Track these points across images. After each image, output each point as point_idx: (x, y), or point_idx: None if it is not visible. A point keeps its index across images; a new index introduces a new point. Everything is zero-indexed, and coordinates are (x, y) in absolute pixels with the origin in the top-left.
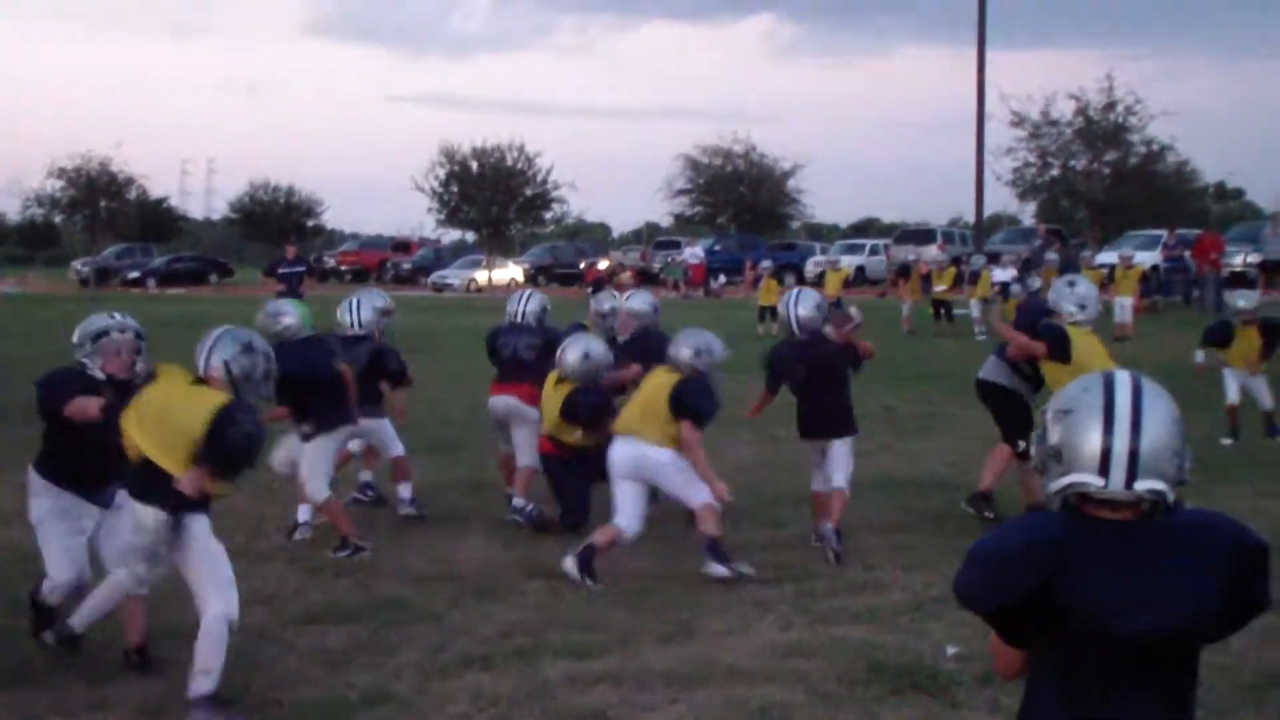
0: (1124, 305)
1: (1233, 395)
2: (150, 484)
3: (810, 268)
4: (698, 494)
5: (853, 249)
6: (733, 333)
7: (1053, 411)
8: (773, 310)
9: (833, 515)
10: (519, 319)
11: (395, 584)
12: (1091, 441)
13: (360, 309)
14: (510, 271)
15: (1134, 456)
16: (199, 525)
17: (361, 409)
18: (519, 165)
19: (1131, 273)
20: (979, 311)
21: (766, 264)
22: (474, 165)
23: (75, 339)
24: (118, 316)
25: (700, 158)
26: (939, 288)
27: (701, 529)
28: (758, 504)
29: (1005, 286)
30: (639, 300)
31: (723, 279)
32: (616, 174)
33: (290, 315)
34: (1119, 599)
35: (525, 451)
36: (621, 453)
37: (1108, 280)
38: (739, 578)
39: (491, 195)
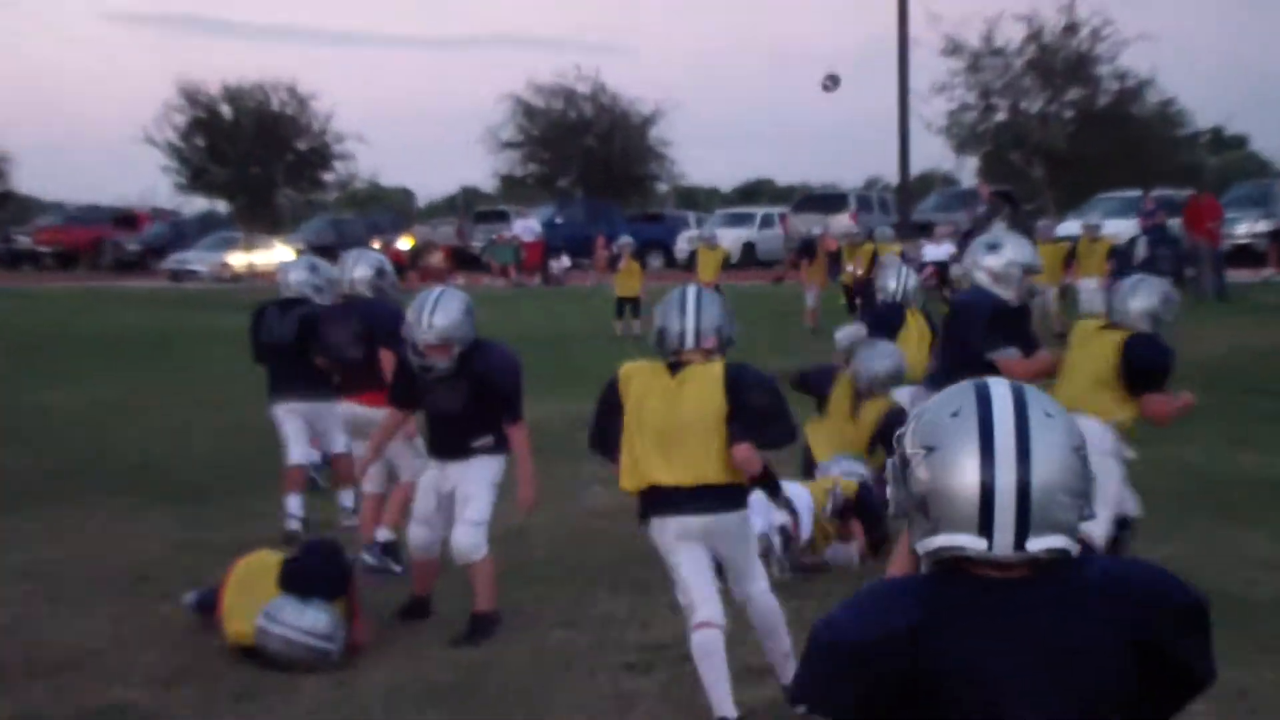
0: (1090, 289)
1: None
2: None
3: (682, 245)
4: None
5: (738, 220)
6: (581, 332)
7: (911, 445)
8: (634, 302)
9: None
10: (349, 289)
11: (121, 688)
12: (965, 488)
13: (293, 269)
14: (278, 254)
15: (1023, 500)
16: None
17: (299, 390)
18: (288, 110)
19: (1098, 246)
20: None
21: (625, 241)
22: (226, 110)
23: None
24: None
25: (533, 100)
26: (851, 269)
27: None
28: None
29: (942, 267)
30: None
31: (566, 261)
32: (421, 123)
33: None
34: (1009, 683)
35: (407, 468)
36: None
37: (1071, 256)
38: None
39: (251, 151)
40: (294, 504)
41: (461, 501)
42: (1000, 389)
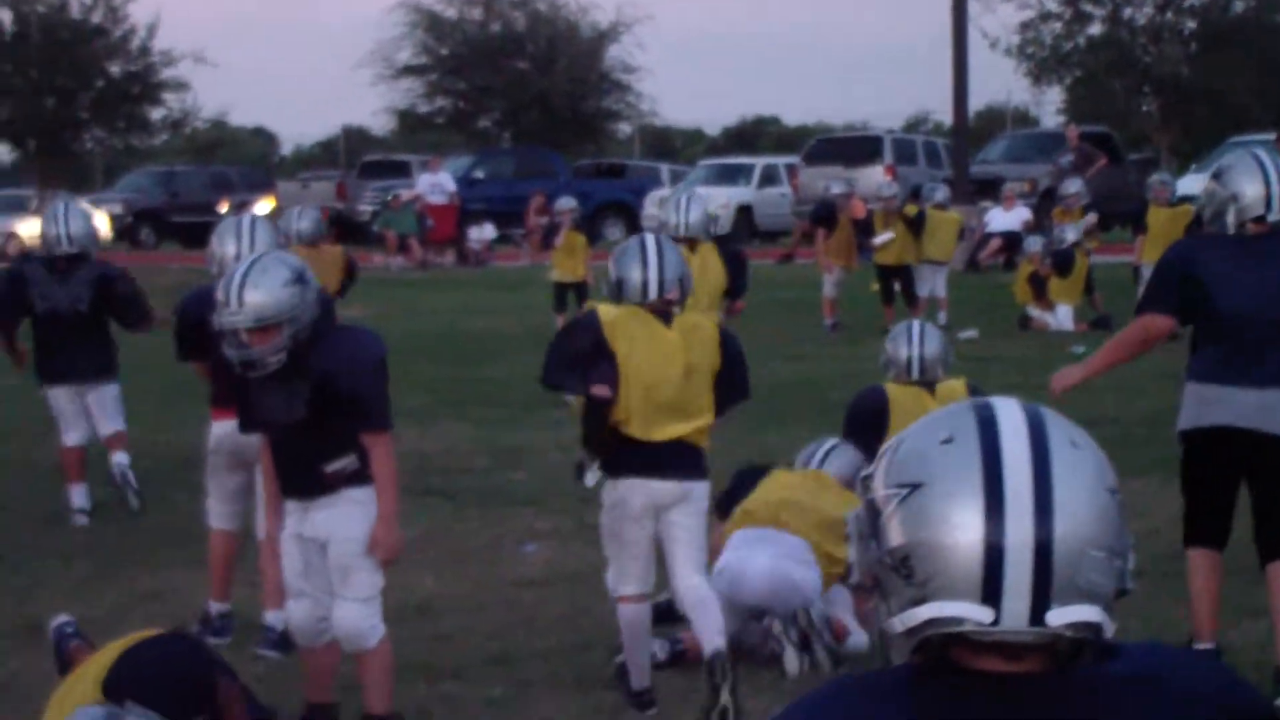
0: None
1: None
2: None
3: (651, 210)
4: None
5: (729, 174)
6: (509, 330)
7: (884, 486)
8: (579, 289)
9: None
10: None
11: None
12: (965, 539)
13: (70, 217)
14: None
15: (1043, 560)
16: None
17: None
18: (93, 19)
19: None
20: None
21: (565, 205)
22: (6, 21)
23: None
24: None
25: (441, 8)
26: (883, 239)
27: None
28: None
29: (1011, 240)
30: None
31: (489, 232)
32: (287, 40)
33: None
34: None
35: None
36: None
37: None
38: None
39: (42, 76)
40: (79, 495)
41: (338, 570)
42: (1009, 411)
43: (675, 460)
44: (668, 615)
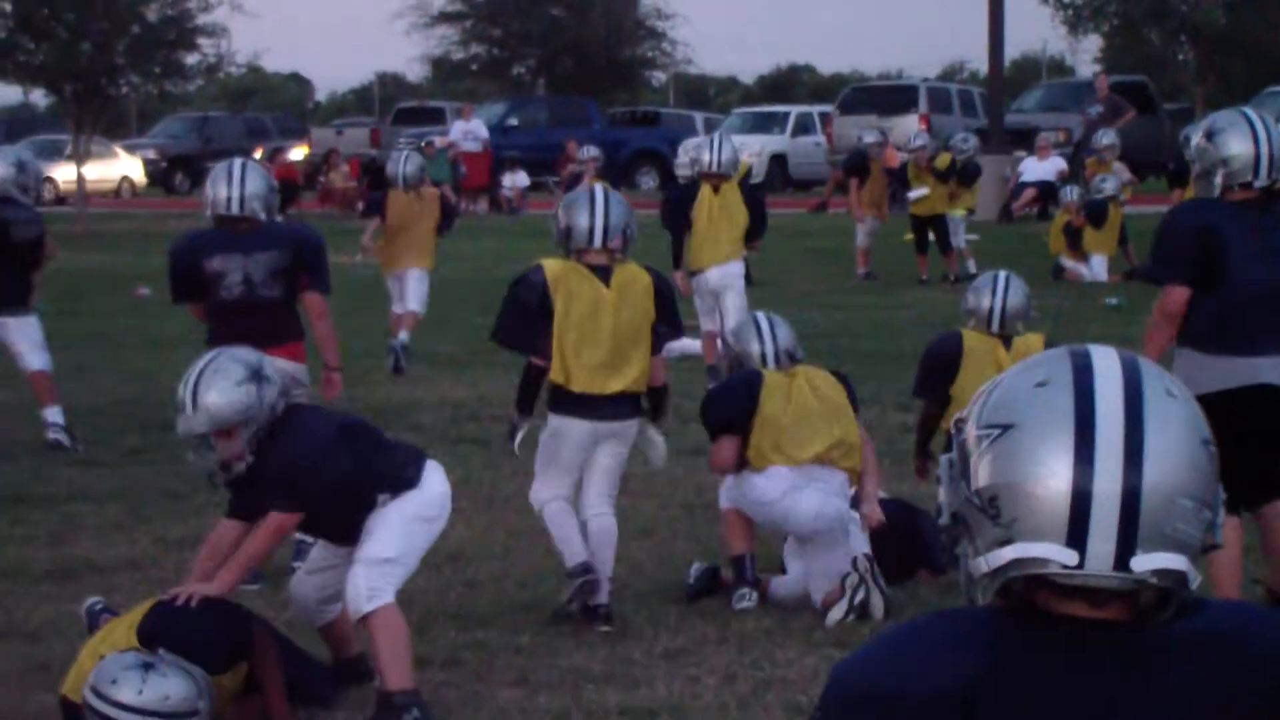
0: None
1: None
2: None
3: (683, 158)
4: None
5: (763, 123)
6: None
7: (976, 427)
8: None
9: None
10: (236, 208)
11: None
12: (1054, 481)
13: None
14: (122, 165)
15: (1131, 506)
16: None
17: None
18: None
19: None
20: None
21: (589, 154)
22: None
23: None
24: None
25: None
26: (918, 194)
27: None
28: None
29: (1046, 190)
30: None
31: (523, 179)
32: None
33: None
34: None
35: None
36: None
37: None
38: None
39: (79, 21)
40: (53, 413)
41: (363, 540)
42: (1105, 357)
43: (612, 408)
44: (711, 584)
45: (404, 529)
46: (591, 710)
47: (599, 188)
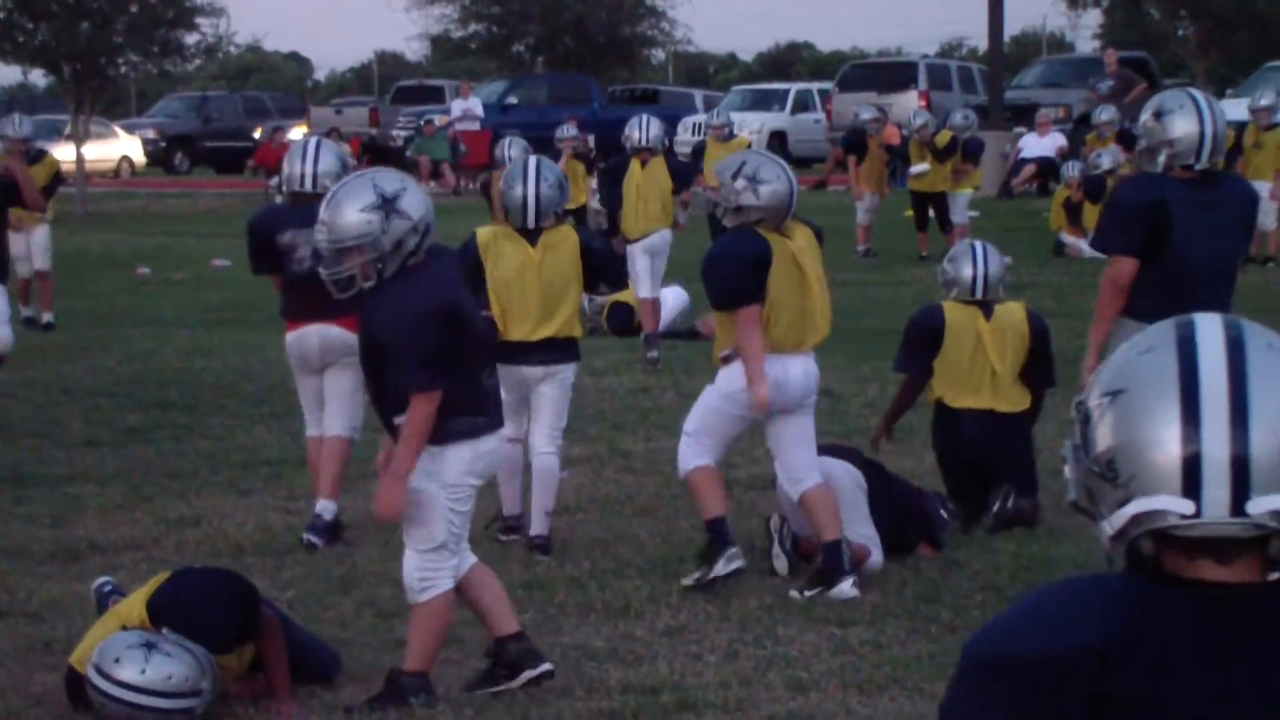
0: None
1: None
2: None
3: (684, 135)
4: None
5: (763, 100)
6: None
7: (1097, 396)
8: (577, 213)
9: None
10: (310, 185)
11: None
12: (1164, 435)
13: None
14: (121, 145)
15: (1240, 453)
16: None
17: None
18: None
19: (1272, 137)
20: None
21: (565, 131)
22: None
23: None
24: None
25: None
26: (919, 170)
27: None
28: None
29: (1046, 166)
30: None
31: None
32: None
33: None
34: (1220, 712)
35: (346, 409)
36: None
37: (1235, 152)
38: None
39: (78, 2)
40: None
41: (408, 524)
42: (1206, 319)
43: (543, 353)
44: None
45: (433, 508)
46: (593, 687)
47: (533, 160)
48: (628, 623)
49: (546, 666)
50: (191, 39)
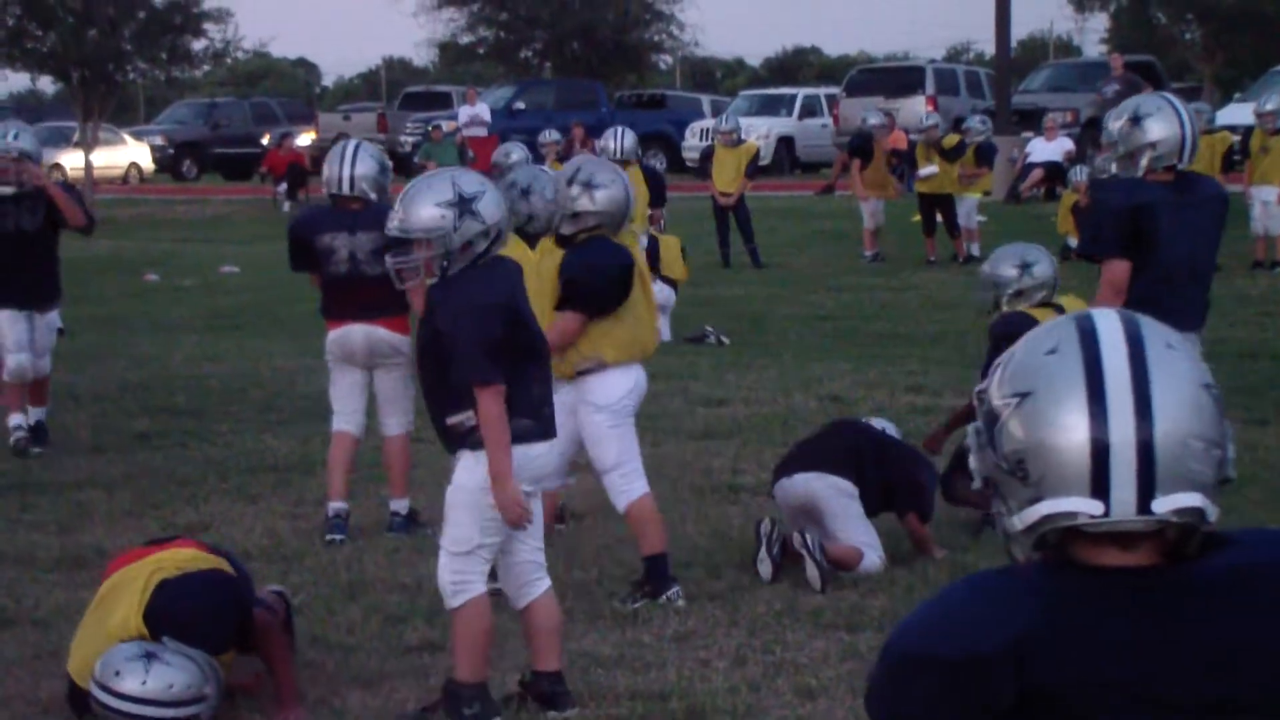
0: (1267, 202)
1: None
2: None
3: (691, 140)
4: None
5: (770, 105)
6: None
7: (1000, 396)
8: None
9: None
10: (347, 188)
11: None
12: (1073, 438)
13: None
14: (130, 152)
15: (1146, 454)
16: None
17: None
18: None
19: (1278, 142)
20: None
21: (547, 136)
22: None
23: None
24: None
25: None
26: (927, 171)
27: None
28: None
29: (1053, 170)
30: None
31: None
32: None
33: None
34: (1152, 700)
35: (400, 407)
36: None
37: (1240, 155)
38: None
39: (86, 8)
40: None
41: (444, 525)
42: (1107, 320)
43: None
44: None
45: (470, 509)
46: (602, 693)
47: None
48: (635, 629)
49: (573, 711)
50: (199, 45)
